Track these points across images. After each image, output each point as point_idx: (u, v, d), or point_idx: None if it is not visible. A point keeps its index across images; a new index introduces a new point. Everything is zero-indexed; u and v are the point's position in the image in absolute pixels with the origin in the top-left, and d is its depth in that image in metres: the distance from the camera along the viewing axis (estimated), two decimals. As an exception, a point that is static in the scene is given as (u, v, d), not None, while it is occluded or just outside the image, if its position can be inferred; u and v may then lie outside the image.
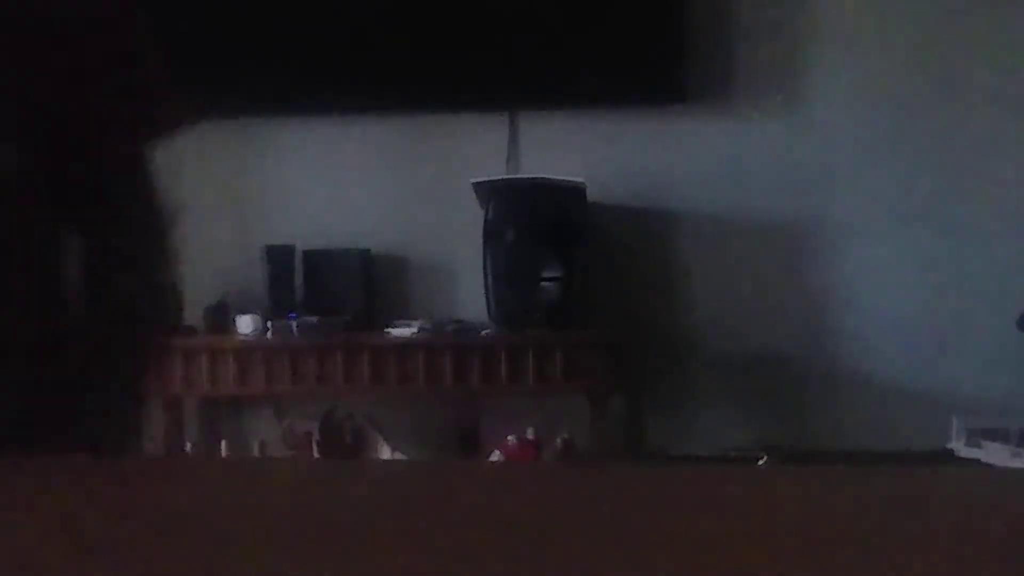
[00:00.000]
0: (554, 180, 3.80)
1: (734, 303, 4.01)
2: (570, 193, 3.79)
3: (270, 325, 3.75)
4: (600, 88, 3.92)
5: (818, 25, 4.00)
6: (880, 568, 0.57)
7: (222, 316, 3.80)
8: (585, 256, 3.83)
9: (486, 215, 3.78)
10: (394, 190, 4.08)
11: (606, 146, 3.99)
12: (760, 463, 3.24)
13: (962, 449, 3.48)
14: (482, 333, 3.76)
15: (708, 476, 0.84)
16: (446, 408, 3.99)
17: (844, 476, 0.84)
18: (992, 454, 3.40)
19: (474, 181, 3.81)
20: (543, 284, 3.76)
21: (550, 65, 3.91)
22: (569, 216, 3.79)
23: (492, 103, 3.96)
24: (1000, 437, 3.50)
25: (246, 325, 3.77)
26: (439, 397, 3.87)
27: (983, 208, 3.94)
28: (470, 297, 3.92)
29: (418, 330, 3.78)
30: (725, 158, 3.99)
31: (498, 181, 3.86)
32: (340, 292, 3.93)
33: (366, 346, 3.73)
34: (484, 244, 3.77)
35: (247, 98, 3.83)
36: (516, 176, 3.95)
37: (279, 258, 3.88)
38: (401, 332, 3.78)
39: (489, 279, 3.77)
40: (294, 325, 3.73)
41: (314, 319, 3.75)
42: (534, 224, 3.77)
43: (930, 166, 3.96)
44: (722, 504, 0.72)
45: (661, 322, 4.04)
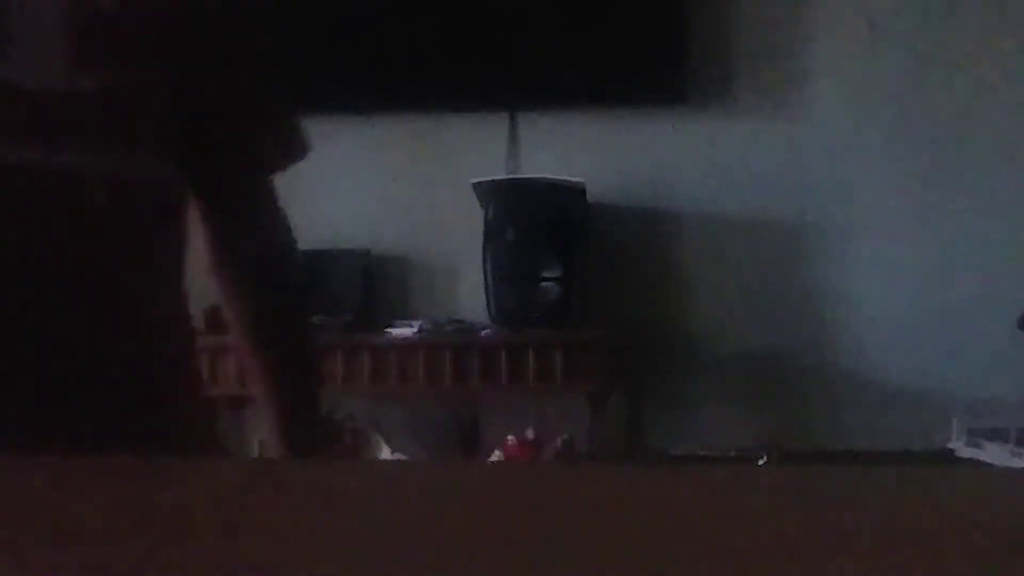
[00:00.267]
0: (554, 180, 3.80)
1: (734, 303, 4.01)
2: (570, 193, 3.79)
3: (270, 325, 3.75)
4: (600, 88, 3.92)
5: (818, 25, 4.00)
6: (880, 568, 0.57)
7: (222, 316, 3.80)
8: (585, 256, 3.83)
9: (486, 215, 3.78)
10: (394, 190, 4.08)
11: (606, 146, 3.99)
12: (760, 463, 3.24)
13: (962, 449, 3.48)
14: (482, 333, 3.77)
15: (708, 476, 0.84)
16: (446, 408, 3.99)
17: (844, 476, 0.84)
18: (992, 454, 3.40)
19: (474, 181, 3.81)
20: (543, 284, 3.76)
21: (550, 65, 3.91)
22: (569, 216, 3.79)
23: (492, 103, 3.96)
24: (1000, 437, 3.50)
25: (246, 325, 3.76)
26: (439, 397, 3.87)
27: (983, 208, 3.94)
28: (470, 297, 3.92)
29: (418, 330, 3.78)
30: (725, 158, 3.99)
31: (498, 181, 3.86)
32: (340, 292, 3.93)
33: (366, 346, 3.73)
34: (484, 244, 3.77)
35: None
36: (516, 176, 3.95)
37: (279, 258, 3.87)
38: (401, 332, 3.78)
39: (489, 279, 3.78)
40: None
41: (314, 319, 3.74)
42: (534, 224, 3.77)
43: (930, 166, 3.96)
44: (722, 504, 0.72)
45: (661, 322, 4.04)
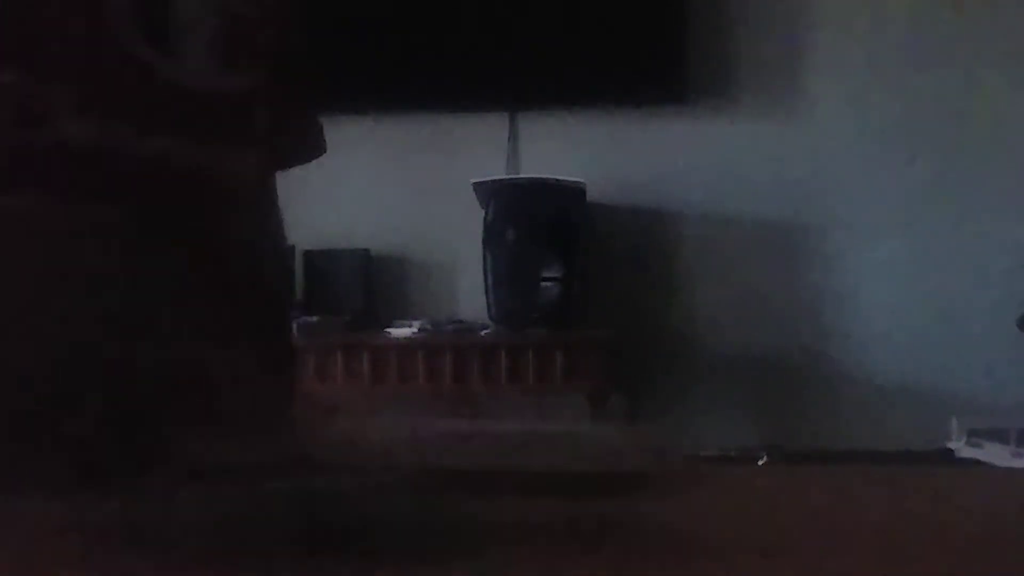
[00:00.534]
0: (554, 180, 3.80)
1: (734, 303, 4.01)
2: (570, 193, 3.79)
3: (270, 325, 3.75)
4: (600, 88, 3.92)
5: (818, 25, 4.00)
6: (880, 568, 0.57)
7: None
8: (585, 256, 3.83)
9: (486, 215, 3.78)
10: (394, 190, 4.08)
11: (606, 146, 3.99)
12: (760, 463, 3.23)
13: (962, 449, 3.48)
14: (482, 333, 3.76)
15: (708, 476, 0.84)
16: (446, 408, 3.99)
17: (844, 476, 0.84)
18: (992, 454, 3.40)
19: (474, 181, 3.81)
20: (543, 284, 3.76)
21: (550, 65, 3.91)
22: (569, 216, 3.79)
23: (492, 103, 3.96)
24: (1000, 437, 3.50)
25: (246, 325, 3.76)
26: (439, 397, 3.87)
27: (983, 208, 3.94)
28: (470, 297, 3.92)
29: (418, 330, 3.78)
30: (725, 158, 4.00)
31: (498, 181, 3.86)
32: (340, 292, 3.93)
33: (366, 346, 3.73)
34: (484, 244, 3.77)
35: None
36: (516, 176, 3.95)
37: (279, 258, 3.87)
38: (401, 332, 3.78)
39: (489, 279, 3.78)
40: (294, 325, 3.73)
41: (314, 319, 3.75)
42: (534, 224, 3.77)
43: (930, 166, 3.96)
44: (722, 504, 0.72)
45: (661, 322, 4.04)
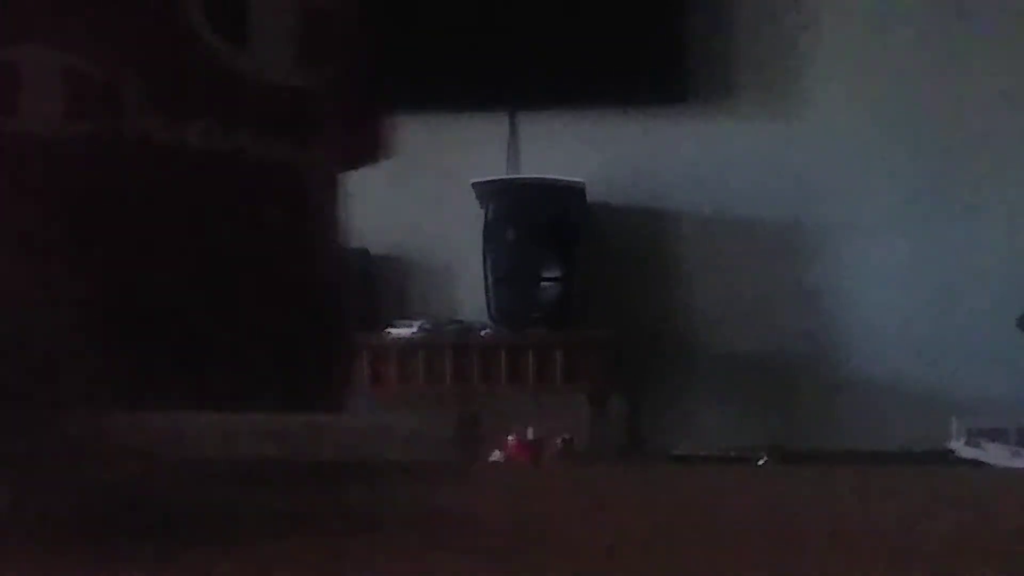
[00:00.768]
0: (554, 180, 3.80)
1: (734, 303, 4.01)
2: (570, 193, 3.79)
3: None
4: (600, 88, 3.92)
5: (818, 25, 4.00)
6: (880, 568, 0.57)
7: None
8: (585, 256, 3.83)
9: (486, 215, 3.78)
10: (394, 190, 4.07)
11: (606, 146, 3.99)
12: (760, 463, 3.24)
13: (962, 449, 3.48)
14: (482, 333, 3.76)
15: (708, 476, 0.84)
16: (446, 408, 3.99)
17: (844, 476, 0.84)
18: (992, 454, 3.40)
19: (474, 181, 3.81)
20: (543, 284, 3.76)
21: (550, 65, 3.91)
22: (569, 216, 3.79)
23: (492, 103, 3.96)
24: (1000, 437, 3.50)
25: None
26: (439, 397, 3.87)
27: (983, 208, 3.94)
28: (470, 297, 3.92)
29: (418, 330, 3.78)
30: (725, 158, 4.00)
31: (498, 181, 3.86)
32: (340, 292, 3.93)
33: (366, 346, 3.73)
34: (484, 244, 3.77)
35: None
36: (516, 176, 3.95)
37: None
38: (401, 332, 3.78)
39: (489, 279, 3.78)
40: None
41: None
42: (534, 224, 3.77)
43: (930, 166, 3.97)
44: (722, 504, 0.72)
45: (661, 322, 4.04)
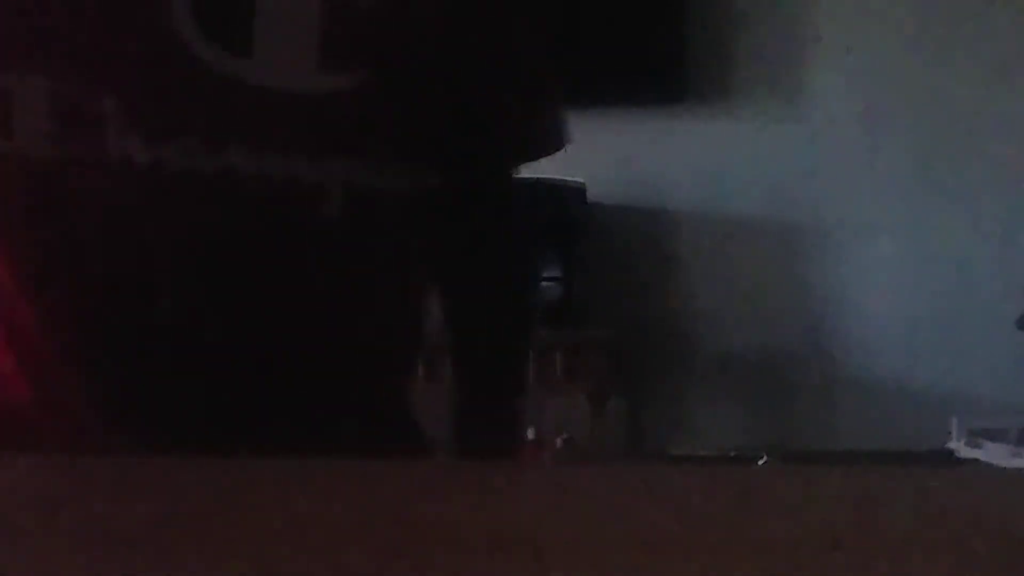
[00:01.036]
0: (554, 180, 3.80)
1: (733, 303, 4.01)
2: (570, 193, 3.79)
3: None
4: (600, 88, 3.92)
5: (818, 25, 4.00)
6: (880, 569, 0.57)
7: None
8: (585, 256, 3.83)
9: (486, 215, 3.77)
10: (394, 190, 4.08)
11: (606, 146, 3.99)
12: (760, 463, 3.24)
13: (962, 449, 3.48)
14: (482, 333, 3.76)
15: (708, 476, 0.84)
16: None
17: (844, 476, 0.84)
18: (992, 454, 3.40)
19: (474, 181, 3.80)
20: (543, 284, 3.76)
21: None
22: (569, 216, 3.79)
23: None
24: (1000, 437, 3.50)
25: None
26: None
27: (983, 208, 3.94)
28: (470, 297, 3.92)
29: (418, 330, 3.78)
30: (725, 158, 3.99)
31: (498, 181, 3.86)
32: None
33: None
34: (484, 244, 3.77)
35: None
36: (516, 176, 3.95)
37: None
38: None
39: (489, 279, 3.77)
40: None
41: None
42: (534, 224, 3.77)
43: (930, 166, 3.96)
44: (722, 504, 0.72)
45: (661, 322, 4.04)
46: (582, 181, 3.81)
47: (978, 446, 3.46)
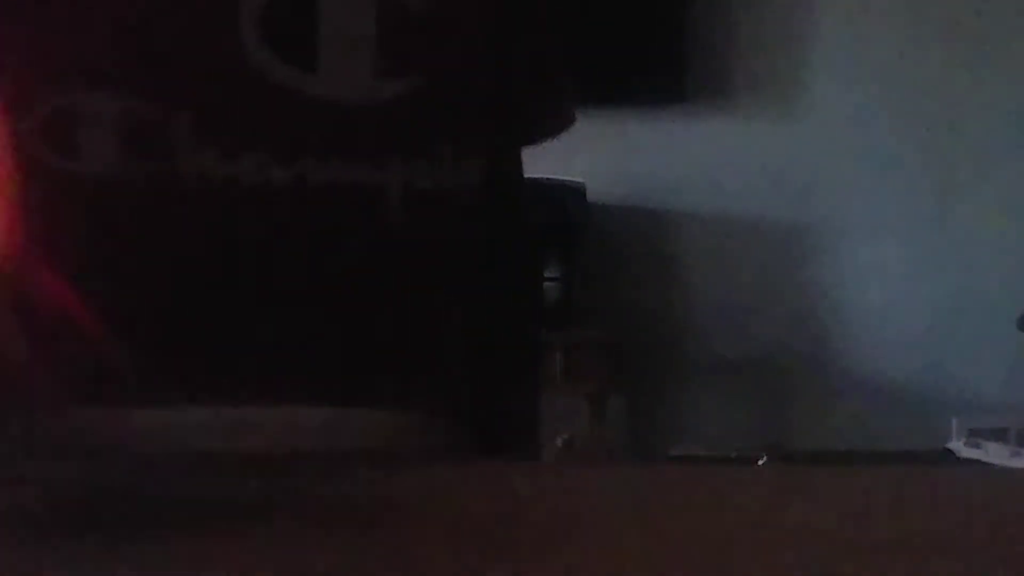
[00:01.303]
0: (554, 180, 3.80)
1: (733, 303, 4.01)
2: (570, 193, 3.79)
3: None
4: (600, 88, 3.92)
5: (818, 25, 4.00)
6: (880, 568, 0.57)
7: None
8: (585, 256, 3.83)
9: (486, 215, 3.77)
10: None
11: (606, 146, 3.99)
12: (760, 463, 3.23)
13: (962, 449, 3.48)
14: (482, 333, 3.76)
15: (708, 476, 0.84)
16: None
17: (844, 476, 0.84)
18: (992, 454, 3.40)
19: (474, 181, 3.80)
20: (543, 284, 3.76)
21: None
22: (569, 216, 3.79)
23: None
24: (1000, 437, 3.50)
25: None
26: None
27: (983, 208, 3.94)
28: (470, 297, 3.92)
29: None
30: (725, 158, 3.99)
31: (498, 181, 3.86)
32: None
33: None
34: (484, 244, 3.76)
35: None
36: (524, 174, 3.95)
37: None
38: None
39: (489, 279, 3.77)
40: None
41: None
42: (534, 224, 3.77)
43: (930, 166, 3.97)
44: (722, 504, 0.72)
45: (661, 322, 4.04)
46: (582, 181, 3.81)
47: (978, 446, 3.45)
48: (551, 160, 3.90)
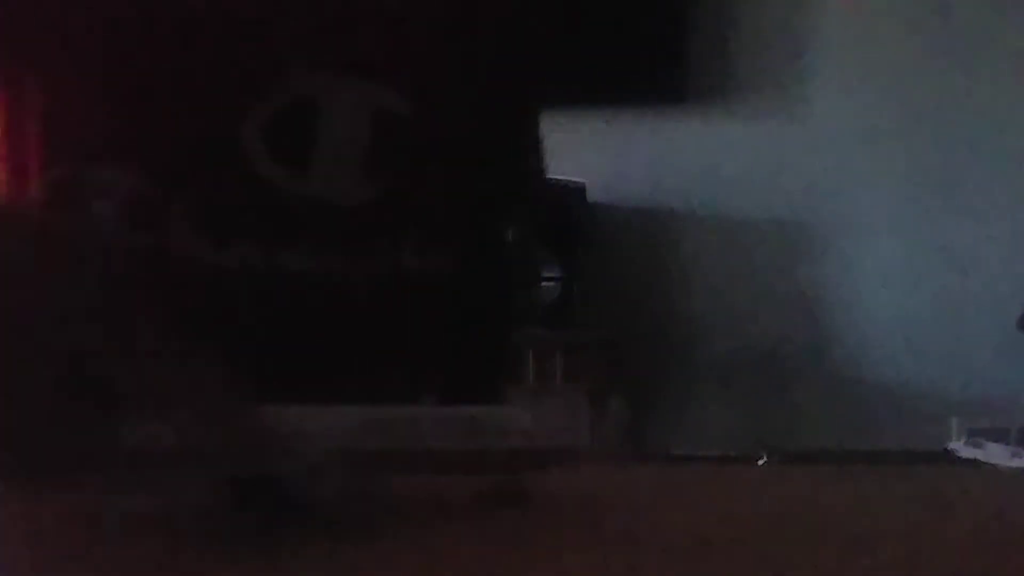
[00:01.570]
0: (554, 180, 3.80)
1: (733, 303, 4.01)
2: (570, 193, 3.79)
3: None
4: (600, 88, 3.92)
5: (818, 25, 4.00)
6: (879, 568, 0.57)
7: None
8: (585, 256, 3.83)
9: (486, 215, 3.77)
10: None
11: (606, 146, 3.99)
12: (760, 463, 3.23)
13: (962, 449, 3.48)
14: (482, 333, 3.76)
15: (708, 476, 0.84)
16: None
17: (844, 476, 0.84)
18: (992, 454, 3.40)
19: (474, 181, 3.80)
20: (543, 284, 3.76)
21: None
22: (569, 216, 3.79)
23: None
24: (1000, 437, 3.50)
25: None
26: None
27: (983, 208, 3.94)
28: (470, 297, 3.92)
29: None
30: (725, 158, 3.99)
31: (498, 181, 3.86)
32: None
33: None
34: (484, 244, 3.77)
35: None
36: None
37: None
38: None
39: (489, 279, 3.77)
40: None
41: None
42: (534, 224, 3.77)
43: (930, 166, 3.96)
44: (722, 504, 0.72)
45: (661, 322, 4.04)
46: (582, 181, 3.81)
47: (978, 446, 3.45)
48: (551, 160, 3.91)
